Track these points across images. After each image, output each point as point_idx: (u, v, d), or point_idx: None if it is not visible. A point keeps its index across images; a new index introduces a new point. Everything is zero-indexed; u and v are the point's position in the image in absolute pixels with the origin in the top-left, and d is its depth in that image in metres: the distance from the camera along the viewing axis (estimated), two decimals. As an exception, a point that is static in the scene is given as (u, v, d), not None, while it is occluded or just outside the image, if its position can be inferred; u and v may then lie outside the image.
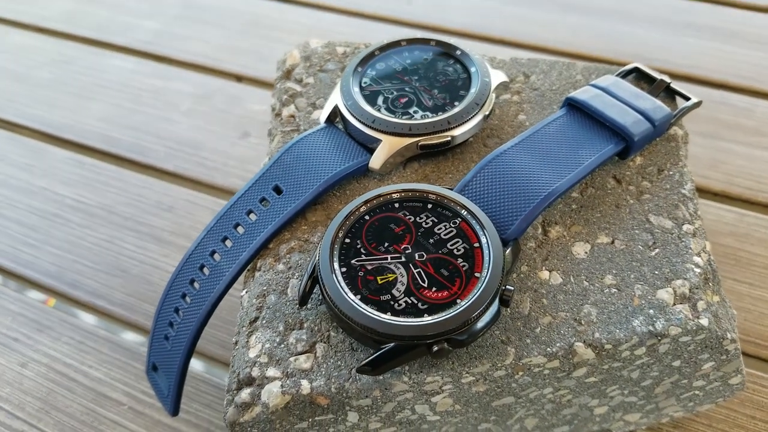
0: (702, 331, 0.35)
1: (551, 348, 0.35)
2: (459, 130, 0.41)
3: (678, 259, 0.37)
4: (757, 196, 0.59)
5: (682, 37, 0.74)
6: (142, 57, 0.79)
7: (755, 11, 0.77)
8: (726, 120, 0.65)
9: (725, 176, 0.61)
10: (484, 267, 0.35)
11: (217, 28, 0.81)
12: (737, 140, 0.63)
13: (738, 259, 0.55)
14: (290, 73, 0.50)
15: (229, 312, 0.56)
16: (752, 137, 0.64)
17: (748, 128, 0.65)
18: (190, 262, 0.42)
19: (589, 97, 0.42)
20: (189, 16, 0.83)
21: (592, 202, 0.40)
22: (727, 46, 0.72)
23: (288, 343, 0.36)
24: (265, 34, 0.79)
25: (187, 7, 0.84)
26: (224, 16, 0.82)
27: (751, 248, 0.56)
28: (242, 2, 0.84)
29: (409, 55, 0.46)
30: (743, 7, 0.77)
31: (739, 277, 0.54)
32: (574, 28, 0.76)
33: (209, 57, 0.77)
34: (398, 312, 0.33)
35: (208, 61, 0.77)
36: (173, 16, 0.83)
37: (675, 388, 0.40)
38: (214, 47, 0.78)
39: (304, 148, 0.43)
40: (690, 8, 0.77)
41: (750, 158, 0.62)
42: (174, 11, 0.83)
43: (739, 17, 0.76)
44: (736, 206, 0.59)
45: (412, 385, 0.35)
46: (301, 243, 0.40)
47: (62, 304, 0.58)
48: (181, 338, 0.42)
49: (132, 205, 0.64)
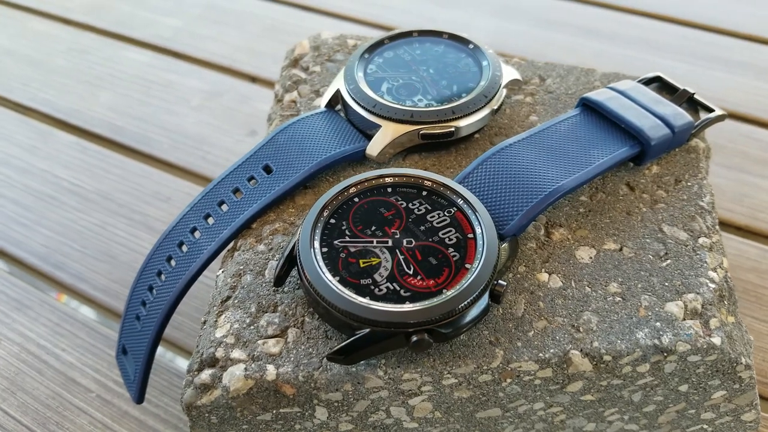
0: (713, 351, 0.32)
1: (544, 354, 0.32)
2: (464, 122, 0.39)
3: (691, 272, 0.34)
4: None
5: (710, 70, 0.71)
6: (159, 52, 0.78)
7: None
8: (753, 154, 0.62)
9: (750, 210, 0.58)
10: (476, 258, 0.32)
11: (236, 30, 0.80)
12: (764, 175, 0.60)
13: (759, 297, 0.51)
14: (297, 61, 0.49)
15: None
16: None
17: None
18: (170, 238, 0.40)
19: (606, 98, 0.39)
20: (210, 17, 0.83)
21: (601, 207, 0.38)
22: (756, 81, 0.70)
23: (258, 326, 0.33)
24: (284, 39, 0.78)
25: (210, 8, 0.84)
26: (244, 19, 0.82)
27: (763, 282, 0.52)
28: (263, 7, 0.84)
29: (419, 47, 0.44)
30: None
31: (759, 315, 0.50)
32: (597, 53, 0.74)
33: (225, 57, 0.77)
34: (378, 297, 0.31)
35: (224, 60, 0.76)
36: (195, 16, 0.83)
37: (681, 418, 0.37)
38: (231, 48, 0.78)
39: (300, 129, 0.41)
40: (718, 42, 0.75)
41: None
42: (196, 11, 0.83)
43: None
44: (759, 242, 0.55)
45: (388, 381, 0.31)
46: (286, 225, 0.38)
47: (44, 284, 0.56)
48: (151, 318, 0.39)
49: (129, 193, 0.62)
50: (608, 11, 0.80)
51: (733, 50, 0.74)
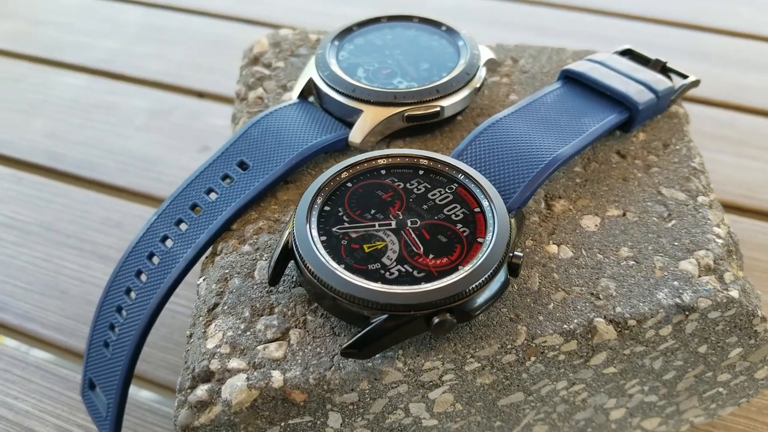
0: (732, 305, 0.31)
1: (568, 325, 0.30)
2: (448, 101, 0.37)
3: (697, 230, 0.33)
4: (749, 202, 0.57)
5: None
6: (96, 75, 0.73)
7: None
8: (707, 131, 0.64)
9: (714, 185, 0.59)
10: (488, 231, 0.30)
11: (178, 47, 0.77)
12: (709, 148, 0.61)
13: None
14: (258, 59, 0.46)
15: (182, 333, 0.50)
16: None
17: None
18: (137, 251, 0.36)
19: (587, 69, 0.39)
20: (148, 36, 0.79)
21: (597, 176, 0.37)
22: (696, 64, 0.72)
23: (255, 331, 0.30)
24: (230, 53, 0.75)
25: (147, 27, 0.80)
26: (187, 36, 0.79)
27: (747, 253, 0.52)
28: (206, 23, 0.81)
29: (390, 32, 0.42)
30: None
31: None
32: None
33: (169, 74, 0.73)
34: (391, 281, 0.28)
35: (167, 77, 0.72)
36: (132, 36, 0.79)
37: (698, 383, 0.35)
38: (174, 64, 0.74)
39: (274, 121, 0.38)
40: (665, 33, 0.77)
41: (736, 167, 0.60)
42: (133, 30, 0.79)
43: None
44: (729, 213, 0.56)
45: (407, 374, 0.29)
46: (270, 223, 0.35)
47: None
48: (123, 342, 0.35)
49: (75, 222, 0.57)
50: (558, 10, 0.81)
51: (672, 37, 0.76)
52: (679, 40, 0.76)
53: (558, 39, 0.76)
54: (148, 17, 0.82)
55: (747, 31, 0.77)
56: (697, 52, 0.74)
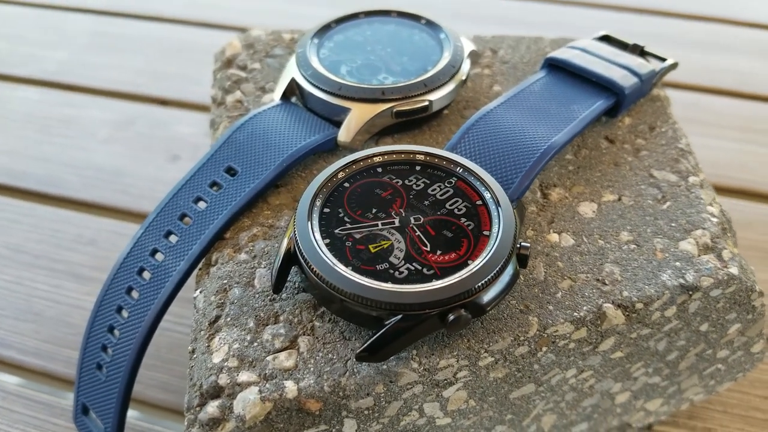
0: (733, 282, 0.31)
1: (578, 312, 0.30)
2: (436, 94, 0.37)
3: (692, 210, 0.34)
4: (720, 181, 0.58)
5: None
6: (49, 87, 0.70)
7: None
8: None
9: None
10: (493, 223, 0.29)
11: (135, 55, 0.74)
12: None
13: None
14: (231, 61, 0.45)
15: (170, 349, 0.48)
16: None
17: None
18: (124, 268, 0.35)
19: (571, 56, 0.39)
20: (100, 44, 0.76)
21: (588, 162, 0.37)
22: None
23: (262, 341, 0.29)
24: (191, 57, 0.73)
25: (97, 35, 0.77)
26: (142, 42, 0.76)
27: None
28: (161, 29, 0.78)
29: (369, 27, 0.41)
30: None
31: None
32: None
33: (128, 83, 0.70)
34: (401, 280, 0.27)
35: (126, 87, 0.70)
36: (82, 45, 0.76)
37: (699, 361, 0.36)
38: (132, 73, 0.72)
39: (259, 124, 0.37)
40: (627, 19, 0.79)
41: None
42: (82, 40, 0.76)
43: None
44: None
45: (423, 374, 0.28)
46: (265, 229, 0.34)
47: (-42, 359, 0.47)
48: (118, 363, 0.34)
49: (45, 242, 0.55)
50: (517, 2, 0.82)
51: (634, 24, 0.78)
52: (641, 27, 0.77)
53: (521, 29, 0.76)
54: (99, 25, 0.79)
55: (707, 15, 0.79)
56: (660, 36, 0.75)
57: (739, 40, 0.75)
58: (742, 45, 0.74)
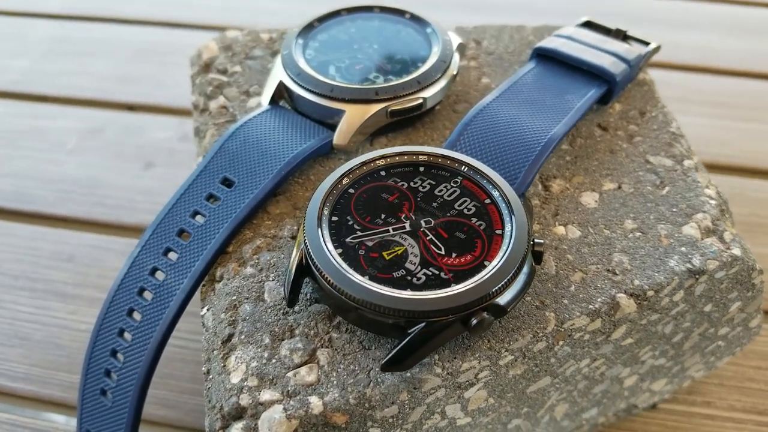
0: (736, 263, 0.32)
1: (593, 305, 0.30)
2: (430, 91, 0.36)
3: (691, 193, 0.34)
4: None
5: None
6: (12, 98, 0.67)
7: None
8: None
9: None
10: (505, 222, 0.29)
11: (99, 60, 0.71)
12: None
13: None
14: (210, 65, 0.43)
15: (165, 364, 0.46)
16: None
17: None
18: (123, 289, 0.34)
19: (559, 45, 0.39)
20: (61, 50, 0.73)
21: (585, 151, 0.37)
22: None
23: (281, 357, 0.28)
24: (159, 60, 0.71)
25: (57, 41, 0.74)
26: (106, 47, 0.73)
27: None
28: (124, 31, 0.76)
29: (352, 24, 0.41)
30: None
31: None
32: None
33: (92, 89, 0.68)
34: (420, 287, 0.27)
35: (91, 93, 0.67)
36: (43, 52, 0.72)
37: (702, 340, 0.37)
38: (97, 78, 0.69)
39: (251, 131, 0.36)
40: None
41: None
42: (42, 47, 0.73)
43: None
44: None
45: (446, 377, 0.28)
46: (268, 240, 0.33)
47: (-58, 392, 0.45)
48: (125, 387, 0.33)
49: (22, 261, 0.53)
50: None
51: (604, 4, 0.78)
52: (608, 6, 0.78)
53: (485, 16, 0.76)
54: (59, 30, 0.76)
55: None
56: (625, 15, 0.76)
57: (707, 16, 0.76)
58: (709, 20, 0.75)
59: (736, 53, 0.71)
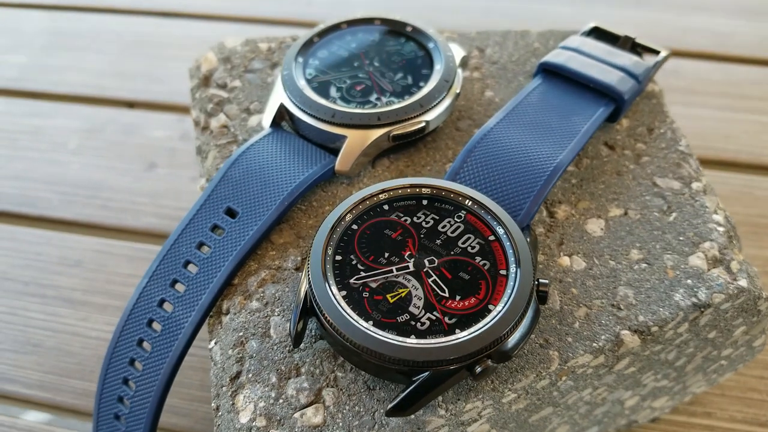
0: (742, 294, 0.32)
1: (597, 343, 0.30)
2: (433, 114, 0.36)
3: (698, 220, 0.34)
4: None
5: (592, 9, 0.73)
6: (10, 96, 0.67)
7: None
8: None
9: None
10: (510, 261, 0.29)
11: (95, 54, 0.70)
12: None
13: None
14: (209, 79, 0.43)
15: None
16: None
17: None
18: (133, 318, 0.34)
19: (565, 60, 0.38)
20: (59, 45, 0.71)
21: (590, 173, 0.36)
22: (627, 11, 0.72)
23: (287, 397, 0.29)
24: (154, 53, 0.70)
25: (55, 34, 0.73)
26: (101, 40, 0.72)
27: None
28: (120, 22, 0.74)
29: (353, 39, 0.40)
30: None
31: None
32: (486, 10, 0.73)
33: (90, 86, 0.67)
34: (424, 333, 0.27)
35: (90, 90, 0.66)
36: (40, 47, 0.71)
37: (705, 361, 0.37)
38: (94, 74, 0.68)
39: (253, 158, 0.35)
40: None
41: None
42: (40, 41, 0.72)
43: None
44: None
45: (449, 418, 0.28)
46: (273, 272, 0.33)
47: (-43, 402, 0.46)
48: (138, 413, 0.33)
49: (30, 267, 0.53)
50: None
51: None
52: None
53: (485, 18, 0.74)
54: (56, 22, 0.74)
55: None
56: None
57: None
58: (718, 2, 0.73)
59: (743, 37, 0.69)
